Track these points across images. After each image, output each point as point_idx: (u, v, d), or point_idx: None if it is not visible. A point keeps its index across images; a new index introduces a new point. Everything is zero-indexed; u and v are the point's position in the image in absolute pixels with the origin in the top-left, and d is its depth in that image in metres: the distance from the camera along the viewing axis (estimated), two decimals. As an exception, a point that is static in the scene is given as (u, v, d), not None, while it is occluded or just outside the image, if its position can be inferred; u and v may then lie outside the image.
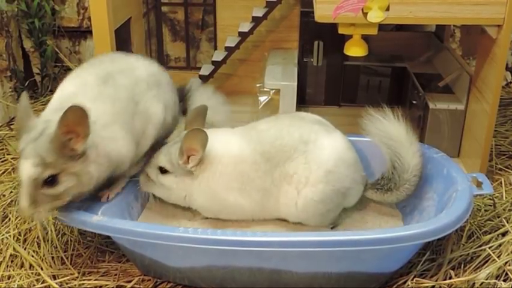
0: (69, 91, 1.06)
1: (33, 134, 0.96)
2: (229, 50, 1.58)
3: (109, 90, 1.07)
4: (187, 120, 1.17)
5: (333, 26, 1.26)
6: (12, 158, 1.47)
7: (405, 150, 1.13)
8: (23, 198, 0.94)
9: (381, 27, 1.23)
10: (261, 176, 1.10)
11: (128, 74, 1.11)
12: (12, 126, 1.65)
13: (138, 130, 1.10)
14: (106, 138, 1.03)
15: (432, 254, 1.11)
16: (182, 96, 1.31)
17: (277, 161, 1.10)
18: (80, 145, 0.97)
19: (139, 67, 1.15)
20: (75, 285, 1.06)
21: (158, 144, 1.17)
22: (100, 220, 1.01)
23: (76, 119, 0.94)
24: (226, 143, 1.12)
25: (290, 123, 1.15)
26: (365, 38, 1.31)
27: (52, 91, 1.86)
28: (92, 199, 1.10)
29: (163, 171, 1.12)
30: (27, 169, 0.94)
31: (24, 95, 1.01)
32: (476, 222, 1.19)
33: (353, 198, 1.16)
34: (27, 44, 1.83)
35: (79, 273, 1.09)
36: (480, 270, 1.06)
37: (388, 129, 1.15)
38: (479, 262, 1.08)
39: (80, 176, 0.99)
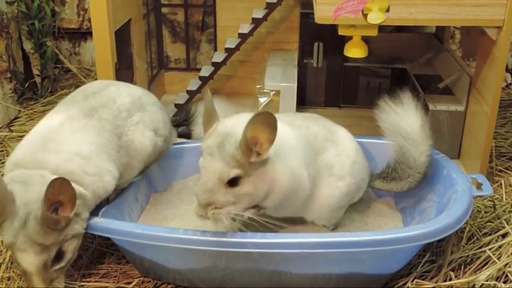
0: (55, 121, 1.04)
1: (17, 222, 0.90)
2: (229, 52, 1.58)
3: (94, 122, 1.05)
4: (205, 120, 0.99)
5: (333, 27, 1.26)
6: (12, 160, 1.47)
7: (413, 148, 1.13)
8: (40, 285, 0.92)
9: (381, 28, 1.23)
10: (312, 161, 1.05)
11: (110, 106, 1.09)
12: (12, 128, 1.65)
13: (123, 163, 1.08)
14: (90, 174, 1.00)
15: (433, 255, 1.11)
16: (188, 118, 1.30)
17: (317, 149, 1.08)
18: (68, 211, 0.93)
19: (121, 95, 1.12)
20: (75, 286, 1.06)
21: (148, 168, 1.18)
22: (100, 222, 1.01)
23: (59, 191, 0.90)
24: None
25: (305, 115, 1.16)
26: (365, 39, 1.31)
27: (52, 92, 1.87)
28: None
29: (234, 183, 0.93)
30: (32, 260, 0.91)
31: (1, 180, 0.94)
32: (476, 224, 1.19)
33: (360, 192, 1.16)
34: (27, 46, 1.83)
35: (78, 274, 1.09)
36: (480, 272, 1.05)
37: (401, 125, 1.13)
38: (479, 264, 1.08)
39: (77, 237, 0.97)
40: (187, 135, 1.30)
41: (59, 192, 0.90)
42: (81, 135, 1.02)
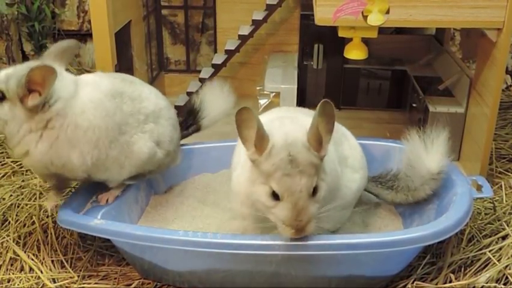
0: (85, 77, 1.09)
1: (21, 66, 1.01)
2: (229, 53, 1.58)
3: (109, 104, 1.06)
4: (257, 142, 0.90)
5: (333, 29, 1.26)
6: (12, 162, 1.47)
7: (419, 183, 1.11)
8: None
9: (381, 30, 1.23)
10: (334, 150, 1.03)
11: (135, 103, 1.10)
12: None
13: (112, 158, 1.07)
14: (68, 136, 1.01)
15: (433, 257, 1.11)
16: (194, 114, 1.30)
17: (336, 140, 1.06)
18: (31, 101, 0.98)
19: (149, 100, 1.13)
20: (75, 288, 1.06)
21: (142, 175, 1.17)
22: (100, 223, 1.01)
23: (45, 77, 0.96)
24: None
25: (305, 112, 1.12)
26: (365, 41, 1.31)
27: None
28: (92, 202, 1.10)
29: (315, 190, 0.91)
30: None
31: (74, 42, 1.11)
32: (476, 226, 1.19)
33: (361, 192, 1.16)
34: (28, 47, 1.83)
35: (78, 276, 1.09)
36: (480, 274, 1.05)
37: (423, 166, 1.10)
38: (480, 266, 1.08)
39: (10, 117, 1.00)
40: (198, 129, 1.31)
41: (45, 80, 0.97)
42: (89, 107, 1.03)
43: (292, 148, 0.89)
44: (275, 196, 0.90)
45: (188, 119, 1.31)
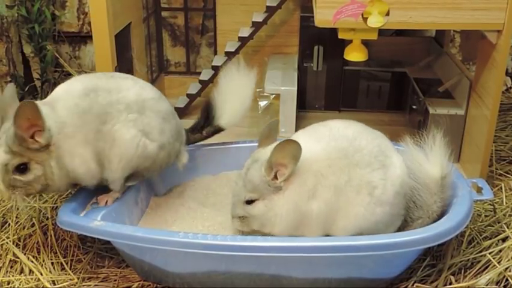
0: (56, 94, 1.10)
1: (8, 124, 1.02)
2: (229, 55, 1.58)
3: (84, 103, 1.06)
4: (261, 138, 1.08)
5: (333, 31, 1.26)
6: (12, 163, 1.47)
7: (427, 195, 1.05)
8: (0, 182, 1.03)
9: (381, 32, 1.23)
10: (336, 171, 1.01)
11: (113, 94, 1.08)
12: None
13: (100, 150, 1.07)
14: (65, 149, 1.05)
15: (433, 259, 1.11)
16: (208, 116, 1.26)
17: (357, 162, 1.01)
18: (41, 138, 1.01)
19: (128, 89, 1.10)
20: (74, 290, 1.06)
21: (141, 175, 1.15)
22: (100, 225, 1.01)
23: (32, 114, 0.99)
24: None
25: (366, 128, 1.08)
26: (365, 42, 1.31)
27: (52, 96, 1.86)
28: (91, 204, 1.10)
29: (249, 202, 1.02)
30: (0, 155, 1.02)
31: (11, 86, 1.09)
32: (476, 228, 1.19)
33: (391, 228, 1.06)
34: (28, 49, 1.83)
35: (78, 278, 1.09)
36: (480, 276, 1.05)
37: (420, 171, 1.05)
38: (480, 268, 1.08)
39: (45, 166, 1.03)
40: (218, 130, 1.26)
41: (35, 116, 1.00)
42: (65, 118, 1.05)
43: (253, 163, 1.04)
44: None
45: (201, 119, 1.26)
